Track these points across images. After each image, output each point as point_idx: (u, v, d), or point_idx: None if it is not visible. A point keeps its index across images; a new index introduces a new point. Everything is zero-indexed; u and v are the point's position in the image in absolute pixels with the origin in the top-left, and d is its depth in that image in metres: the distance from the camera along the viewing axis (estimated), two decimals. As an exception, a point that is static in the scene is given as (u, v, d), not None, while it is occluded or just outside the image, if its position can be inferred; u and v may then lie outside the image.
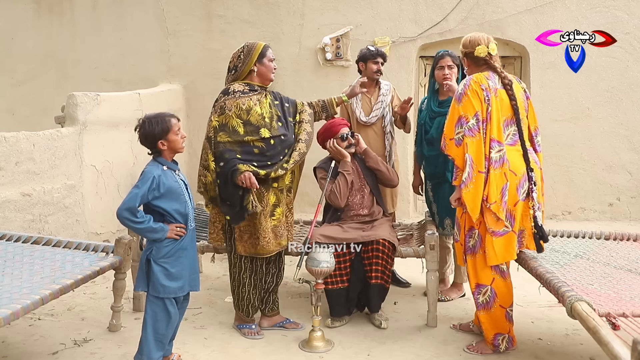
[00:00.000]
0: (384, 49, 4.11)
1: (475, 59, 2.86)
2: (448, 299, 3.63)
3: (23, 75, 6.90)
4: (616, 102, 5.83)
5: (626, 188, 5.89)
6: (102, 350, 2.94)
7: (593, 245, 3.28)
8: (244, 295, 3.11)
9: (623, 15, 5.73)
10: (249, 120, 2.92)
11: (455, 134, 2.74)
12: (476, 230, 2.79)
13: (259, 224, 2.95)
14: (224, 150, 2.90)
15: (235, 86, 3.00)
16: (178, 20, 6.37)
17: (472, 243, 2.82)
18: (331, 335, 3.10)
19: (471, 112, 2.71)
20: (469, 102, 2.72)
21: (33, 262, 2.96)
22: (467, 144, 2.69)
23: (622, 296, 2.50)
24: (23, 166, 3.88)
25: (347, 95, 3.38)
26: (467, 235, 2.83)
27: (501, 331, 2.85)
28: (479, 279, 2.83)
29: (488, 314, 2.83)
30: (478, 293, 2.85)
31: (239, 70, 3.02)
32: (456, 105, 2.75)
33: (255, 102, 2.96)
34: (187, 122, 6.36)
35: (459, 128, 2.72)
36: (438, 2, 5.91)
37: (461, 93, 2.75)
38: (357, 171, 3.55)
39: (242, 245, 2.99)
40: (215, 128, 2.95)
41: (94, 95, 4.67)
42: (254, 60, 3.00)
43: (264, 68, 3.02)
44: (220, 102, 2.97)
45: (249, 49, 3.02)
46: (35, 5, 6.86)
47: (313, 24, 6.08)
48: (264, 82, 3.06)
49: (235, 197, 2.86)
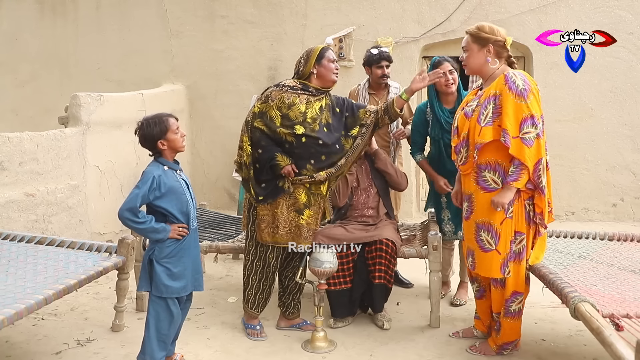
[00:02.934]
0: (387, 49, 4.01)
1: (502, 50, 2.67)
2: (463, 302, 3.59)
3: (26, 75, 6.92)
4: (620, 103, 5.81)
5: (630, 188, 5.87)
6: (105, 350, 2.94)
7: (596, 246, 3.27)
8: (254, 283, 3.11)
9: (627, 15, 5.72)
10: (288, 114, 2.94)
11: (521, 132, 2.51)
12: (524, 235, 2.67)
13: (280, 213, 2.98)
14: (261, 138, 2.96)
15: (288, 81, 3.06)
16: (181, 20, 6.39)
17: (518, 249, 2.68)
18: (334, 336, 3.10)
19: (539, 113, 2.54)
20: (535, 101, 2.55)
21: (36, 262, 2.96)
22: (542, 146, 2.53)
23: (625, 297, 2.49)
24: (27, 166, 3.89)
25: (407, 92, 3.10)
26: (512, 242, 2.67)
27: (517, 337, 2.82)
28: (518, 286, 2.72)
29: (515, 321, 2.76)
30: (512, 302, 2.73)
31: (300, 72, 3.06)
32: (518, 100, 2.52)
33: (303, 100, 2.98)
34: (190, 122, 6.38)
35: (529, 127, 2.51)
36: (441, 2, 5.90)
37: (525, 89, 2.53)
38: (366, 170, 3.54)
39: (259, 233, 3.02)
40: (255, 114, 3.01)
41: (97, 95, 4.68)
42: (313, 63, 3.01)
43: (323, 69, 3.02)
44: (267, 92, 3.04)
45: (308, 54, 3.06)
46: (39, 5, 6.88)
47: (316, 24, 6.08)
48: (325, 83, 3.05)
49: (271, 180, 2.97)
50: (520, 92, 2.54)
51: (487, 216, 2.67)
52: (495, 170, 2.64)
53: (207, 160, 6.41)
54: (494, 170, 2.64)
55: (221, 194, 6.33)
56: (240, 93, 6.23)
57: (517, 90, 2.54)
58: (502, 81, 2.60)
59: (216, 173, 6.33)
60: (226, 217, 4.41)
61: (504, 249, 2.66)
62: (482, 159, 2.66)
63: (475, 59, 2.72)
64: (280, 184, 2.97)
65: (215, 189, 6.35)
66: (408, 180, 3.66)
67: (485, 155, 2.65)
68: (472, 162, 2.71)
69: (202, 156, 6.42)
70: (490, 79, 2.71)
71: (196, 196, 2.76)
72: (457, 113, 2.89)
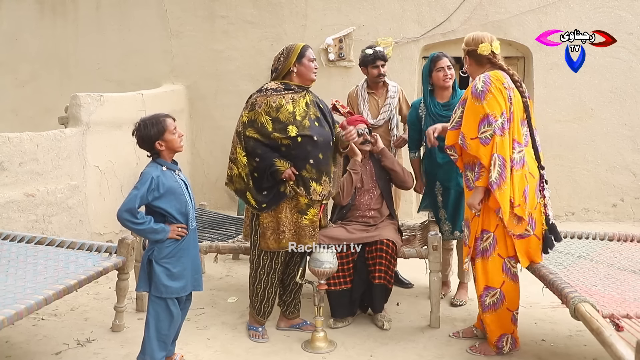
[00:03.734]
0: (385, 49, 4.00)
1: (478, 58, 2.80)
2: (463, 302, 3.59)
3: (26, 75, 6.92)
4: (620, 103, 5.81)
5: (630, 189, 5.87)
6: (105, 351, 2.94)
7: (597, 246, 3.27)
8: (259, 292, 3.10)
9: (627, 16, 5.72)
10: (278, 117, 2.94)
11: (479, 133, 2.61)
12: (492, 233, 2.74)
13: (284, 218, 2.97)
14: (256, 146, 2.94)
15: (269, 84, 3.05)
16: (181, 20, 6.38)
17: (483, 246, 2.77)
18: (334, 336, 3.10)
19: (498, 111, 2.61)
20: (494, 100, 2.62)
21: (36, 263, 2.96)
22: (497, 143, 2.59)
23: (625, 297, 2.49)
24: (27, 167, 3.88)
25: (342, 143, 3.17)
26: (477, 239, 2.78)
27: (506, 332, 2.84)
28: (489, 281, 2.79)
29: (494, 315, 2.81)
30: (486, 295, 2.81)
31: (279, 70, 3.06)
32: (476, 102, 2.63)
33: (288, 100, 2.98)
34: (190, 122, 6.37)
35: (486, 127, 2.60)
36: (441, 2, 5.90)
37: (483, 90, 2.63)
38: (370, 172, 3.54)
39: (264, 241, 3.00)
40: (244, 123, 3.00)
41: (97, 95, 4.68)
42: (293, 61, 3.01)
43: (303, 68, 3.03)
44: (252, 99, 3.03)
45: (289, 50, 3.05)
46: (39, 6, 6.88)
47: (316, 24, 6.08)
48: (304, 82, 3.07)
49: (272, 186, 2.96)
50: (478, 95, 2.65)
51: (467, 212, 2.88)
52: (472, 170, 2.76)
53: (207, 161, 6.41)
54: (472, 170, 2.76)
55: (221, 194, 6.33)
56: (240, 93, 6.18)
57: (475, 93, 2.67)
58: (470, 86, 2.74)
59: (216, 173, 6.32)
60: (226, 217, 4.41)
61: (470, 244, 2.82)
62: (466, 159, 2.79)
63: (469, 69, 2.92)
64: (282, 189, 2.95)
65: (215, 189, 6.34)
66: (413, 179, 3.66)
67: (467, 155, 2.77)
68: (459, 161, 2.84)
69: (202, 156, 6.42)
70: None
71: (196, 196, 2.77)
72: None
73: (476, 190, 2.70)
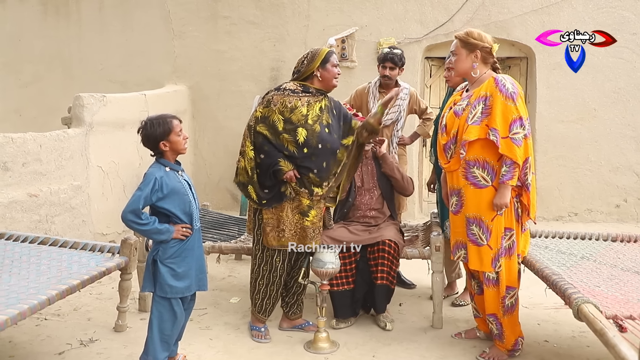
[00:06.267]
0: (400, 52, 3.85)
1: (488, 56, 2.79)
2: (465, 303, 3.58)
3: (30, 76, 6.95)
4: (623, 103, 5.80)
5: (633, 189, 5.86)
6: (108, 351, 2.95)
7: (600, 247, 3.26)
8: (260, 288, 3.10)
9: (630, 16, 5.71)
10: (290, 118, 2.94)
11: (510, 133, 2.61)
12: (514, 230, 2.75)
13: (285, 217, 2.97)
14: (263, 142, 2.95)
15: (288, 84, 3.05)
16: (184, 21, 6.40)
17: (508, 244, 2.76)
18: (336, 337, 3.10)
19: (526, 115, 2.66)
20: (523, 105, 2.67)
21: (40, 263, 2.97)
22: (529, 145, 2.66)
23: (629, 298, 2.48)
24: (30, 167, 3.90)
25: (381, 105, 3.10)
26: (502, 238, 2.74)
27: (520, 334, 2.84)
28: (511, 281, 2.78)
29: (511, 318, 2.80)
30: (506, 297, 2.77)
31: (301, 72, 3.05)
32: (509, 102, 2.62)
33: (304, 103, 2.98)
34: (193, 123, 6.39)
35: (518, 128, 2.61)
36: (443, 3, 5.90)
37: (515, 92, 2.65)
38: (372, 171, 3.54)
39: (265, 237, 3.01)
40: (257, 118, 3.00)
41: (100, 96, 4.69)
42: (317, 65, 3.01)
43: (326, 73, 3.02)
44: (269, 96, 3.03)
45: (314, 54, 3.04)
46: (42, 7, 6.90)
47: (318, 25, 6.09)
48: (326, 87, 3.06)
49: (274, 185, 2.96)
50: (510, 95, 2.65)
51: (477, 211, 2.75)
52: (484, 168, 2.72)
53: (209, 161, 6.42)
54: (483, 168, 2.72)
55: (224, 194, 6.34)
56: (243, 94, 6.24)
57: (507, 93, 2.65)
58: (493, 83, 2.70)
59: (219, 174, 6.33)
60: (229, 217, 4.41)
61: (495, 245, 2.73)
62: (470, 155, 2.74)
63: (463, 63, 2.82)
64: (283, 189, 2.96)
65: (218, 190, 6.35)
66: (414, 185, 3.66)
67: (473, 152, 2.73)
68: (458, 158, 2.79)
69: (205, 157, 6.43)
70: (477, 82, 2.80)
71: (198, 197, 2.77)
72: (445, 112, 2.96)
73: (506, 189, 2.66)
